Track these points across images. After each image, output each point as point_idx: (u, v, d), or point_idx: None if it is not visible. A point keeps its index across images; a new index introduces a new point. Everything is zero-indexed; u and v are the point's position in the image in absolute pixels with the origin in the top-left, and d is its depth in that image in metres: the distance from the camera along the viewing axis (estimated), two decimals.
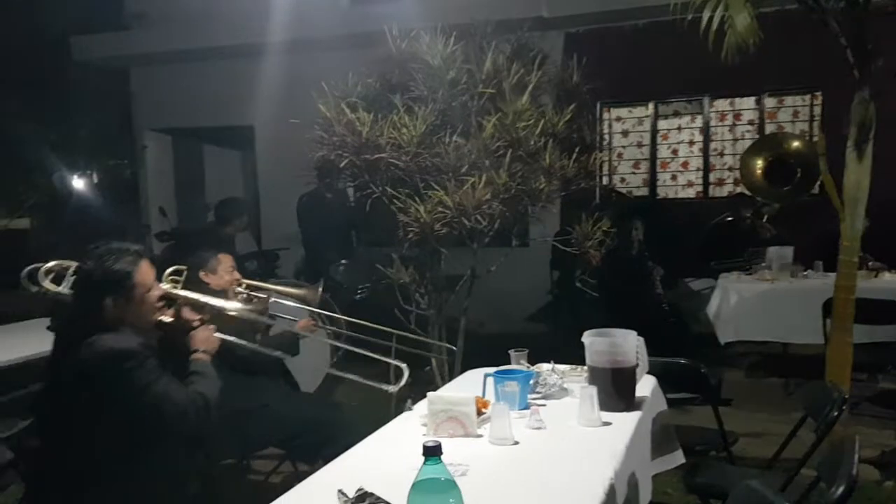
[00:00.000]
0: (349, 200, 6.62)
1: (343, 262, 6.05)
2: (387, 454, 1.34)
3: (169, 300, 2.45)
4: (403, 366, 3.16)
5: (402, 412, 2.58)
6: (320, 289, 3.75)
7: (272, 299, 3.57)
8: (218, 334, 2.51)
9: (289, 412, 3.39)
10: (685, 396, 3.34)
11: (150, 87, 9.40)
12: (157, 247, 8.30)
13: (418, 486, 1.29)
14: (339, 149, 3.84)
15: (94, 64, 9.21)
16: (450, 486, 1.29)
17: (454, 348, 3.89)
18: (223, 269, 3.47)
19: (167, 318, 2.40)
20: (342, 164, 3.83)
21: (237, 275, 3.51)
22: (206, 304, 2.54)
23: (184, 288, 3.10)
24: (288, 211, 7.18)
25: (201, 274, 3.46)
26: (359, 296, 5.17)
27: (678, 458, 2.89)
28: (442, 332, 4.19)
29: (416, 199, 3.82)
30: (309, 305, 3.77)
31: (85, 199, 9.79)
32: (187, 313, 2.46)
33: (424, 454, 1.30)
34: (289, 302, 3.64)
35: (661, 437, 2.82)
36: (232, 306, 2.74)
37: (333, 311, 4.65)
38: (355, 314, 3.78)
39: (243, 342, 2.91)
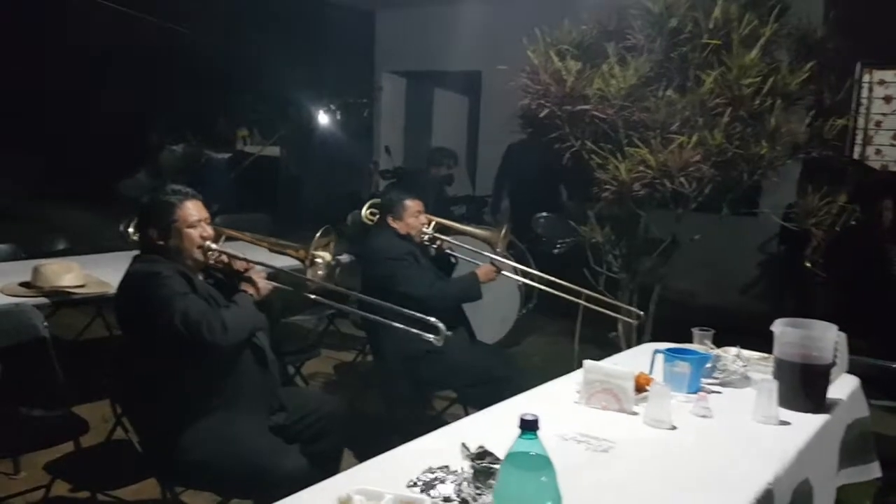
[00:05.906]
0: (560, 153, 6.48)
1: (544, 214, 5.95)
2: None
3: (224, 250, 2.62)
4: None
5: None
6: (503, 232, 3.70)
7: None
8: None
9: (462, 360, 3.40)
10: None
11: (392, 29, 9.74)
12: (382, 184, 8.72)
13: (510, 459, 1.22)
14: (541, 98, 3.71)
15: (344, 5, 9.71)
16: (543, 462, 1.20)
17: (641, 313, 3.67)
18: (409, 214, 3.52)
19: (214, 260, 2.59)
20: (542, 115, 3.71)
21: (423, 219, 3.55)
22: (244, 259, 2.65)
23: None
24: None
25: (388, 219, 3.55)
26: (557, 250, 5.08)
27: (873, 470, 2.55)
28: (633, 298, 3.97)
29: (618, 155, 3.62)
30: (492, 248, 3.73)
31: (327, 134, 10.53)
32: (238, 263, 2.64)
33: (520, 427, 1.22)
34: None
35: (856, 445, 2.50)
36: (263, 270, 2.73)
37: (527, 262, 4.61)
38: (552, 268, 3.69)
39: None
